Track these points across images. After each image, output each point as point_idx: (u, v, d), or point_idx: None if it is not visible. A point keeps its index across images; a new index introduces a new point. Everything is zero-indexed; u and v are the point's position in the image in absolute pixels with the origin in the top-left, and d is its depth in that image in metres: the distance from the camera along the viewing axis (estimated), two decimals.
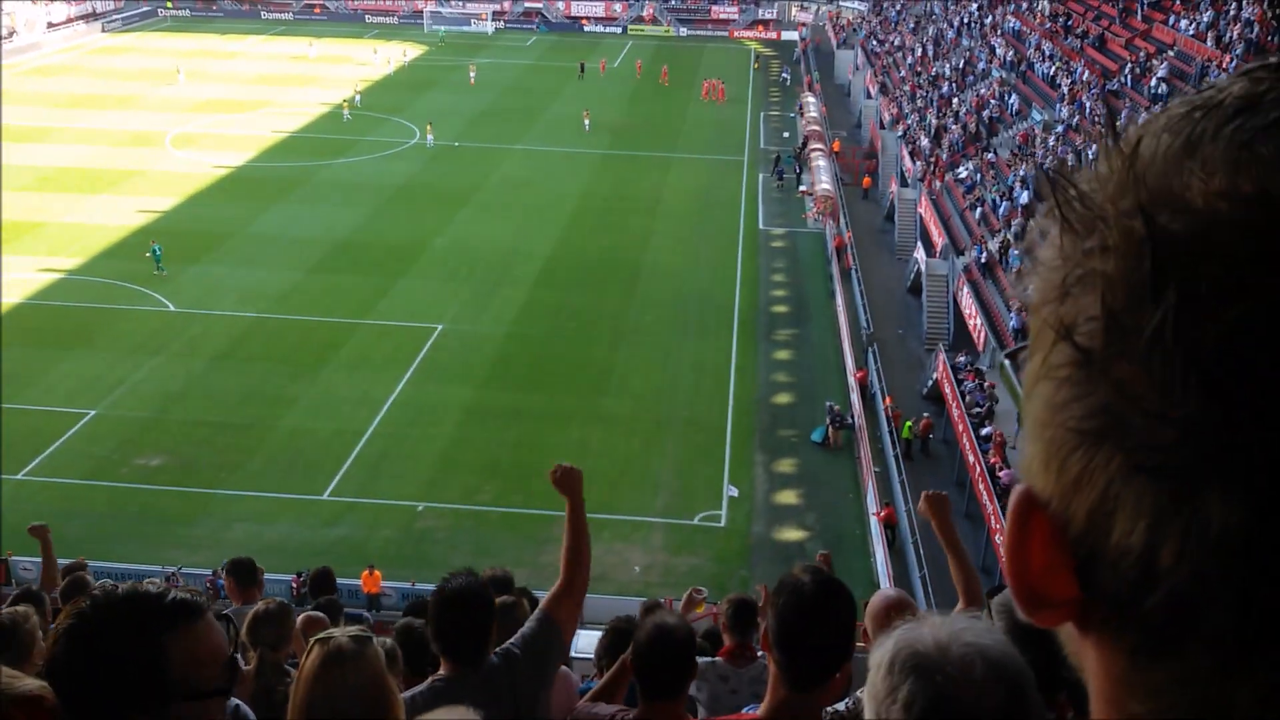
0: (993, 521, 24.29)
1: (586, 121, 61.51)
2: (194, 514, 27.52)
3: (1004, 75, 53.01)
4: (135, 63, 77.19)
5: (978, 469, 26.04)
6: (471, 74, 71.62)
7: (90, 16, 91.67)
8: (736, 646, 5.97)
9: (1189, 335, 0.58)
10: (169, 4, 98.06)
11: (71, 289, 39.51)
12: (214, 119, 63.07)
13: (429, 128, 60.14)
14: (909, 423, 30.45)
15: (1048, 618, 0.69)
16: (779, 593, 3.04)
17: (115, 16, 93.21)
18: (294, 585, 22.59)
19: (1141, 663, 0.64)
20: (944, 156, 47.83)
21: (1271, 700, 0.59)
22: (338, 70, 75.60)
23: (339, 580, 23.86)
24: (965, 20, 65.49)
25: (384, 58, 78.56)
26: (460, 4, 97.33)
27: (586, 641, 13.55)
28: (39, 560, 23.35)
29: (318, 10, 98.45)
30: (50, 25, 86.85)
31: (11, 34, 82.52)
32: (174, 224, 46.60)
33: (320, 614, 7.40)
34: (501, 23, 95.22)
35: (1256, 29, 37.88)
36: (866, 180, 53.99)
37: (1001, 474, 25.33)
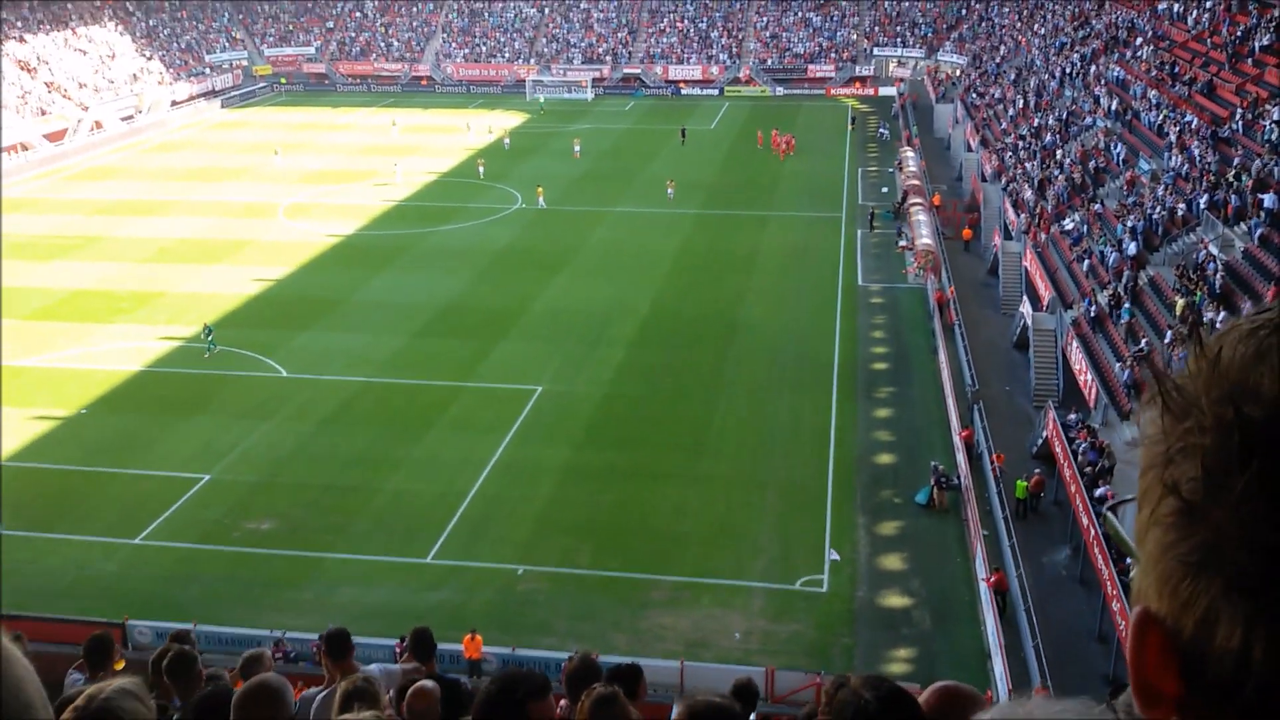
0: (1109, 587, 23.31)
1: (670, 191, 61.09)
2: (301, 577, 28.03)
3: (1109, 125, 51.90)
4: (251, 136, 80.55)
5: (1092, 531, 25.08)
6: (576, 147, 72.19)
7: (210, 94, 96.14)
8: None
9: (1267, 494, 0.80)
10: (283, 80, 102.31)
11: (189, 356, 40.99)
12: (325, 189, 65.30)
13: (539, 191, 61.22)
14: (1022, 482, 29.55)
15: (1159, 712, 0.89)
16: (840, 714, 2.84)
17: (234, 93, 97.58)
18: (397, 650, 22.75)
19: None
20: (1049, 208, 46.87)
21: None
22: (441, 140, 77.70)
23: (441, 646, 24.05)
24: (1067, 71, 64.46)
25: (480, 128, 79.97)
26: (562, 72, 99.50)
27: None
28: (154, 625, 24.07)
29: (424, 82, 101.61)
30: (174, 103, 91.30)
31: (139, 112, 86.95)
32: (286, 292, 48.18)
33: (430, 684, 7.28)
34: (601, 89, 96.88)
35: None
36: (967, 232, 53.20)
37: None
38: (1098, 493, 26.30)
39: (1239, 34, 49.89)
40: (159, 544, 29.52)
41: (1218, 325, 23.66)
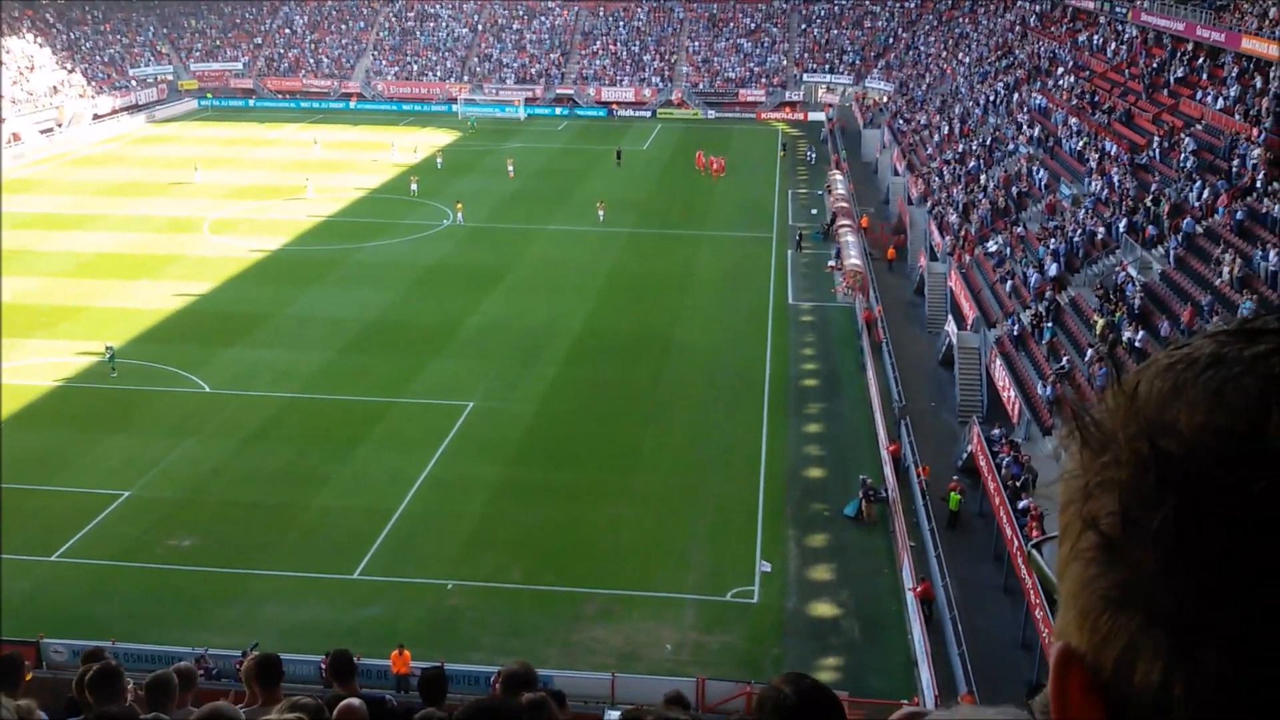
0: (1031, 596, 23.78)
1: (601, 212, 60.83)
2: (225, 594, 27.45)
3: (1031, 151, 53.27)
4: (175, 151, 79.16)
5: (1015, 542, 25.57)
6: (510, 166, 71.93)
7: (134, 108, 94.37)
8: None
9: (1183, 530, 0.81)
10: (208, 95, 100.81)
11: (109, 372, 40.00)
12: (251, 205, 64.39)
13: (459, 206, 61.15)
14: (956, 495, 30.01)
15: None
16: (761, 708, 2.88)
17: (158, 107, 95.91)
18: (322, 667, 22.38)
19: None
20: (973, 231, 47.91)
21: None
22: (369, 156, 77.14)
23: (368, 660, 23.77)
24: (991, 98, 66.08)
25: (404, 146, 79.11)
26: (494, 91, 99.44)
27: None
28: (70, 643, 23.40)
29: (353, 99, 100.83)
30: (96, 117, 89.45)
31: (59, 126, 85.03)
32: (211, 307, 47.35)
33: (357, 702, 7.19)
34: (531, 109, 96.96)
35: None
36: (891, 252, 54.12)
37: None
38: (1020, 505, 26.85)
39: (1155, 66, 51.64)
40: (76, 561, 28.72)
41: (1136, 344, 24.22)
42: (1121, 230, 38.57)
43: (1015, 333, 37.00)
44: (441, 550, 29.20)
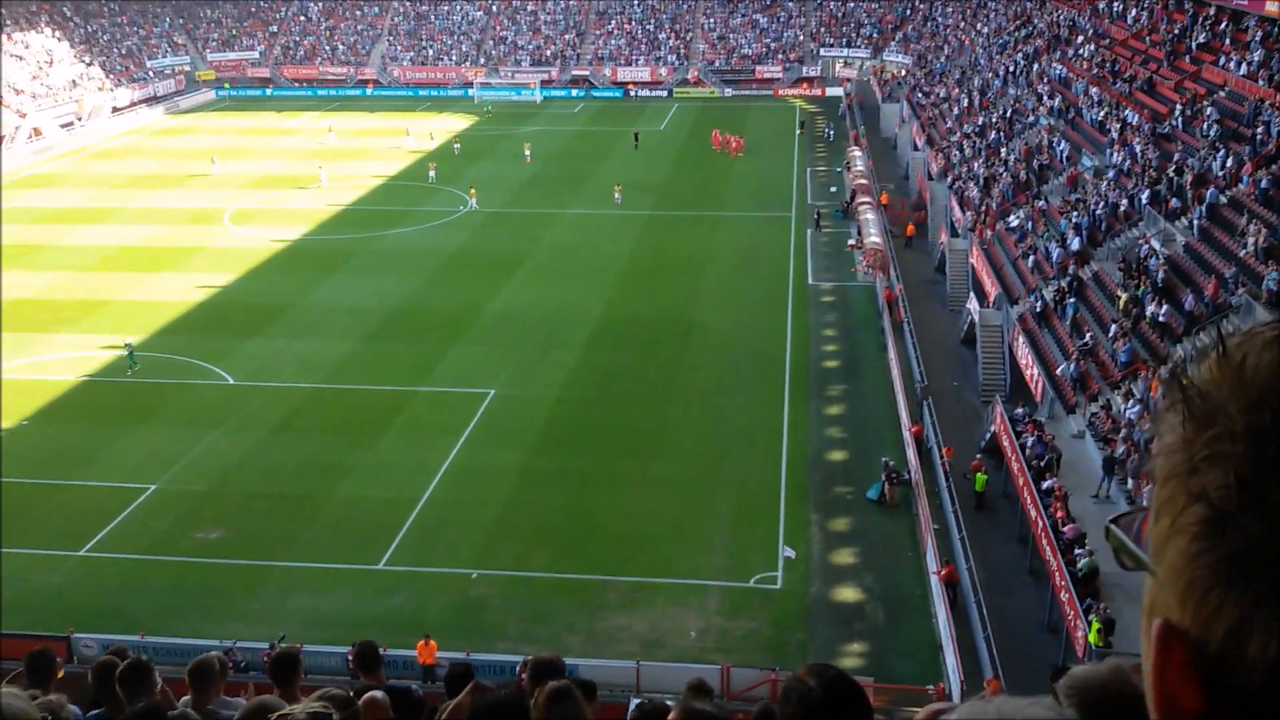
0: (1057, 578, 23.64)
1: (618, 195, 60.69)
2: (252, 586, 27.69)
3: (1052, 122, 52.67)
4: (195, 142, 79.45)
5: (1040, 523, 25.41)
6: (527, 151, 71.70)
7: (153, 99, 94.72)
8: None
9: None
10: (226, 84, 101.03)
11: (128, 368, 40.25)
12: (271, 194, 64.57)
13: (473, 192, 61.15)
14: (982, 475, 29.83)
15: None
16: (785, 700, 2.87)
17: (176, 98, 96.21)
18: (349, 657, 22.53)
19: None
20: (994, 205, 47.48)
21: None
22: (386, 143, 77.16)
23: (394, 651, 23.93)
24: (1011, 70, 65.35)
25: (420, 133, 78.92)
26: (510, 74, 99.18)
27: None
28: (100, 638, 23.68)
29: (370, 86, 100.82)
30: (115, 109, 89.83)
31: (78, 119, 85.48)
32: (233, 298, 47.59)
33: (380, 694, 7.21)
34: (547, 91, 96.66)
35: None
36: (910, 228, 53.70)
37: (1065, 529, 24.69)
38: (1045, 485, 26.67)
39: (1176, 32, 50.87)
40: (105, 555, 29.01)
41: (1160, 318, 23.83)
42: (1144, 202, 38.09)
43: (1038, 309, 36.67)
44: (466, 539, 29.32)
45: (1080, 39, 61.64)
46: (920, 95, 74.30)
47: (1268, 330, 0.90)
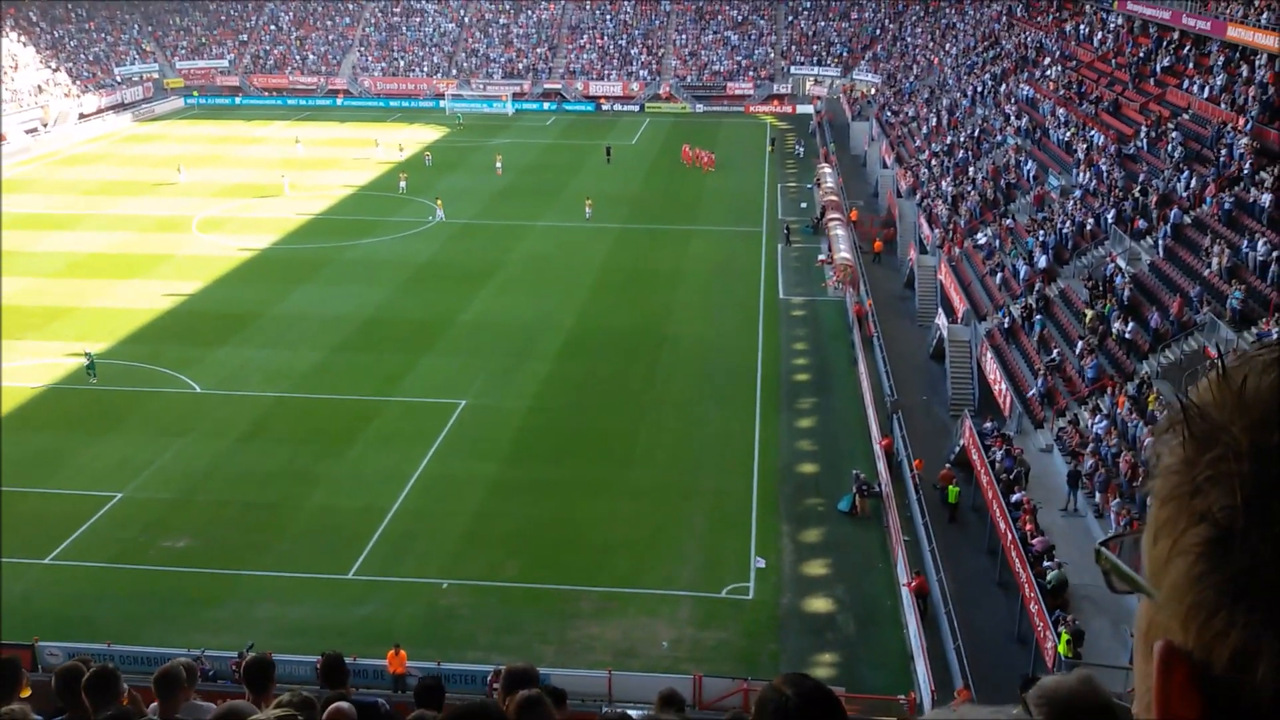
0: (1026, 590, 23.88)
1: (589, 210, 60.47)
2: (220, 595, 27.43)
3: (1019, 142, 53.38)
4: (163, 150, 78.83)
5: (1009, 536, 25.67)
6: (498, 163, 71.69)
7: (120, 107, 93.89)
8: None
9: None
10: (195, 92, 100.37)
11: (100, 373, 39.88)
12: (239, 203, 64.18)
13: (439, 203, 61.08)
14: (955, 488, 30.12)
15: None
16: (761, 710, 2.84)
17: (144, 105, 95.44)
18: (318, 667, 22.36)
19: None
20: (962, 223, 48.01)
21: None
22: (356, 153, 76.92)
23: (364, 660, 23.79)
24: (979, 90, 66.17)
25: (389, 144, 78.56)
26: (481, 86, 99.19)
27: None
28: (66, 646, 23.37)
29: (340, 96, 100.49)
30: (82, 116, 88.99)
31: (44, 126, 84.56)
32: (201, 306, 47.22)
33: (346, 705, 7.18)
34: (519, 104, 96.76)
35: (1270, 91, 38.08)
36: (878, 244, 54.17)
37: (1034, 541, 24.95)
38: (1014, 499, 26.95)
39: (1141, 55, 51.75)
40: (70, 564, 28.66)
41: (1126, 335, 24.16)
42: (1110, 221, 38.69)
43: (1005, 325, 37.11)
44: (436, 548, 29.21)
45: (1047, 60, 62.56)
46: (889, 114, 75.06)
47: (1267, 353, 0.91)
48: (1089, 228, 39.84)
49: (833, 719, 2.90)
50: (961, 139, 59.10)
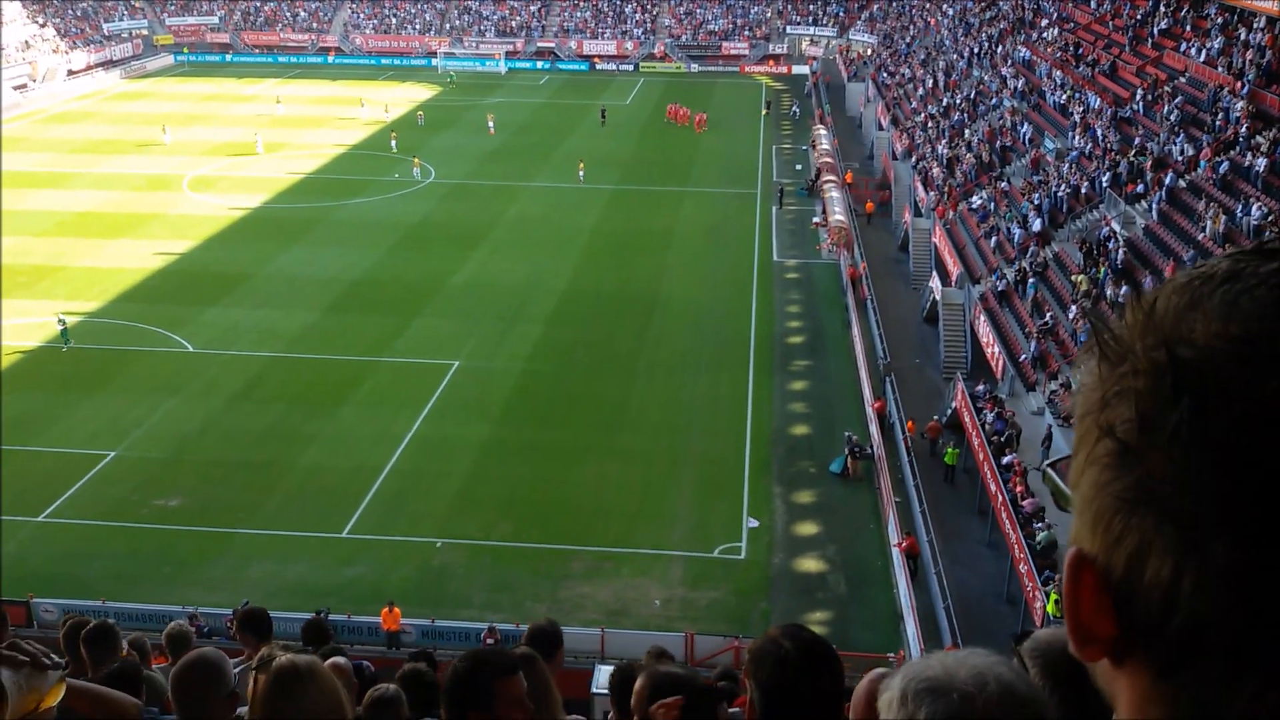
0: (1016, 550, 24.04)
1: (581, 172, 59.78)
2: (212, 554, 27.50)
3: (1015, 105, 53.11)
4: (152, 108, 78.08)
5: (1000, 497, 25.81)
6: (490, 123, 71.21)
7: (109, 64, 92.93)
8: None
9: (1198, 430, 0.85)
10: (185, 50, 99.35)
11: (91, 332, 39.75)
12: (230, 162, 63.69)
13: (416, 162, 60.62)
14: (952, 450, 30.25)
15: (1092, 653, 0.94)
16: (758, 662, 2.83)
17: (134, 62, 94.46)
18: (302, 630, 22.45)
19: (1162, 679, 0.89)
20: (957, 186, 47.86)
21: (1261, 702, 0.83)
22: (346, 112, 76.28)
23: (358, 618, 23.94)
24: (976, 51, 65.74)
25: (374, 102, 77.45)
26: (474, 45, 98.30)
27: (606, 677, 13.42)
28: (60, 603, 23.47)
29: (331, 53, 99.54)
30: (70, 73, 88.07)
31: (32, 81, 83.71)
32: (192, 266, 46.99)
33: (343, 660, 7.21)
34: (512, 63, 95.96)
35: (1268, 55, 37.88)
36: (870, 205, 53.99)
37: (1024, 502, 25.10)
38: (1005, 460, 27.07)
39: (1139, 17, 51.41)
40: (63, 521, 28.68)
41: (1119, 300, 24.22)
42: (1105, 185, 38.58)
43: (999, 289, 37.09)
44: (429, 509, 29.28)
45: (1044, 22, 62.11)
46: (885, 75, 74.57)
47: (1181, 277, 0.95)
48: (1084, 191, 39.73)
49: (831, 669, 2.89)
50: (958, 101, 58.77)
